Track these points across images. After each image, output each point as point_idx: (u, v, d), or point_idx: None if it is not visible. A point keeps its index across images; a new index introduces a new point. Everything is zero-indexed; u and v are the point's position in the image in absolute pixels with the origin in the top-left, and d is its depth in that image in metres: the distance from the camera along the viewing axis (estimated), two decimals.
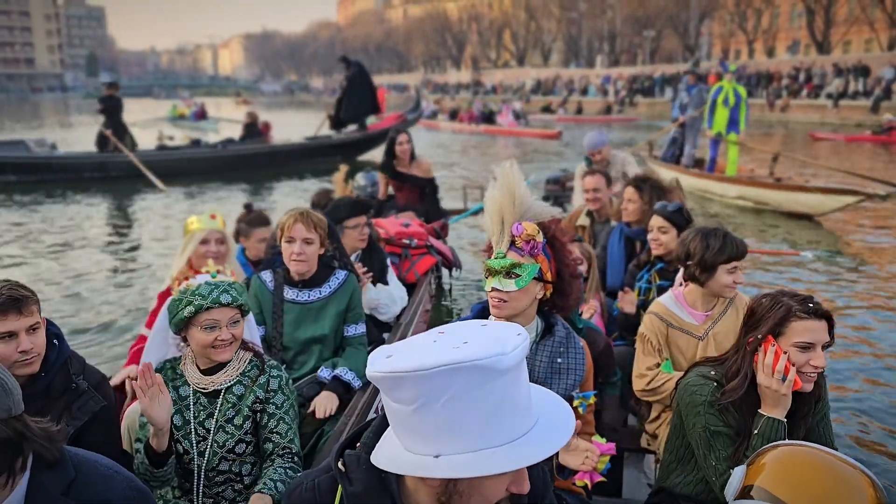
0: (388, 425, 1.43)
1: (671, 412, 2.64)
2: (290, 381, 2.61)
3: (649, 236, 3.83)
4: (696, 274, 2.95)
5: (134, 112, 38.15)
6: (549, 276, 2.32)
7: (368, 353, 3.50)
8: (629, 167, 6.24)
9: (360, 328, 3.38)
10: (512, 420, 1.27)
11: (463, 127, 31.60)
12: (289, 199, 13.42)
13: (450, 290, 7.14)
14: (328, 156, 17.15)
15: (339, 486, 1.47)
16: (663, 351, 3.04)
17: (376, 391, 3.26)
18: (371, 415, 3.09)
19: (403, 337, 3.99)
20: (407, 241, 5.38)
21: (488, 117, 31.78)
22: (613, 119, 38.06)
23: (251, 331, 2.74)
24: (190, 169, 15.99)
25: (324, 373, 3.23)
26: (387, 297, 4.20)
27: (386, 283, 4.31)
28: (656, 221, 3.77)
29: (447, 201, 8.97)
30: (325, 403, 3.02)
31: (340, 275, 3.39)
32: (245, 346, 2.57)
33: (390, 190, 6.95)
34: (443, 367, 1.20)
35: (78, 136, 25.60)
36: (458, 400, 1.22)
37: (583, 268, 3.87)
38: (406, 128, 7.63)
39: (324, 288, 3.33)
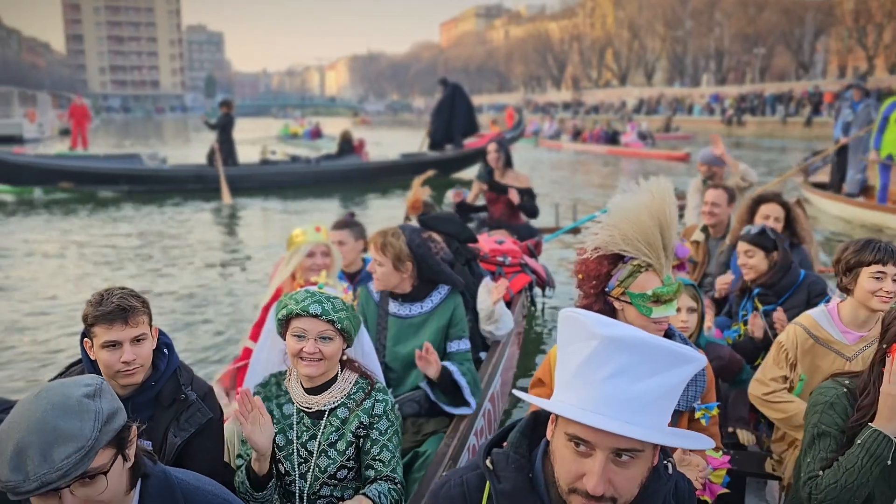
0: (532, 425, 1.55)
1: (796, 433, 2.54)
2: (396, 407, 2.51)
3: (738, 262, 3.72)
4: (841, 280, 2.77)
5: (248, 130, 40.13)
6: None
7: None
8: (749, 175, 5.87)
9: (465, 344, 3.27)
10: (588, 389, 1.33)
11: (586, 147, 30.55)
12: (381, 212, 13.77)
13: (542, 311, 7.05)
14: (421, 173, 17.41)
15: (487, 483, 1.51)
16: (798, 366, 2.85)
17: (476, 414, 3.19)
18: (471, 439, 3.02)
19: (501, 357, 3.90)
20: (501, 259, 5.33)
21: (612, 137, 30.54)
22: (671, 136, 36.74)
23: (364, 353, 2.62)
24: (285, 182, 16.98)
25: (426, 385, 3.15)
26: (509, 320, 4.08)
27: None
28: (741, 247, 3.66)
29: (538, 220, 8.91)
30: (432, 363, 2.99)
31: (443, 290, 3.32)
32: (353, 367, 2.48)
33: (481, 200, 7.02)
34: (567, 312, 1.42)
35: (192, 151, 27.12)
36: (563, 348, 1.41)
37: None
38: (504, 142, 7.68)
39: (425, 303, 3.27)
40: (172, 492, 1.62)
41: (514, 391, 1.55)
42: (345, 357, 2.46)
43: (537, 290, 6.22)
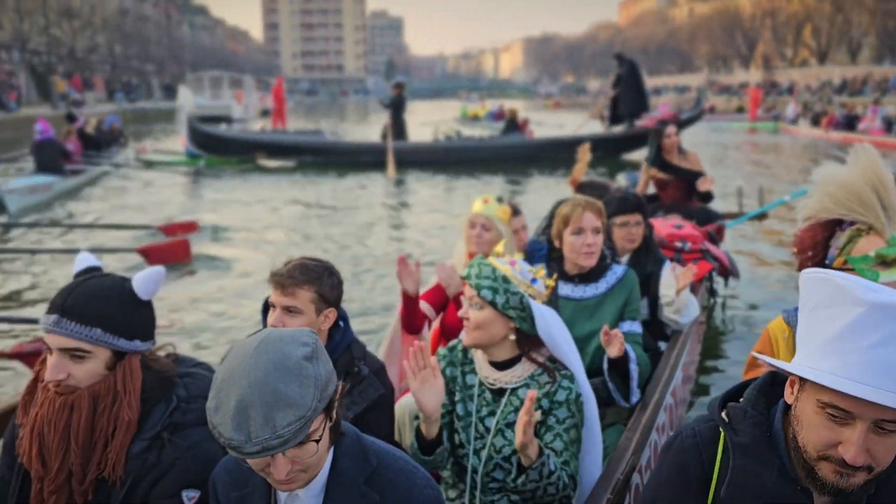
0: (769, 384, 1.53)
1: None
2: (581, 399, 2.30)
3: None
4: None
5: (427, 112, 41.43)
6: None
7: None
8: None
9: (636, 327, 3.05)
10: (849, 357, 1.26)
11: (820, 134, 27.58)
12: (545, 189, 13.79)
13: (723, 304, 6.62)
14: None
15: (722, 435, 1.51)
16: None
17: (658, 407, 2.98)
18: (652, 434, 2.85)
19: (682, 349, 3.65)
20: (679, 245, 5.00)
21: (850, 122, 27.38)
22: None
23: (554, 344, 2.35)
24: (451, 159, 18.07)
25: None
26: (694, 309, 3.80)
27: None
28: None
29: (720, 206, 8.34)
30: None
31: (618, 269, 3.12)
32: (535, 351, 2.32)
33: (650, 188, 6.55)
34: (816, 274, 1.35)
35: (370, 130, 28.73)
36: (812, 311, 1.35)
37: None
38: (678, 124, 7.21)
39: (600, 283, 3.08)
40: (365, 452, 1.63)
41: (755, 354, 1.53)
42: (513, 337, 2.27)
43: (719, 280, 5.88)
